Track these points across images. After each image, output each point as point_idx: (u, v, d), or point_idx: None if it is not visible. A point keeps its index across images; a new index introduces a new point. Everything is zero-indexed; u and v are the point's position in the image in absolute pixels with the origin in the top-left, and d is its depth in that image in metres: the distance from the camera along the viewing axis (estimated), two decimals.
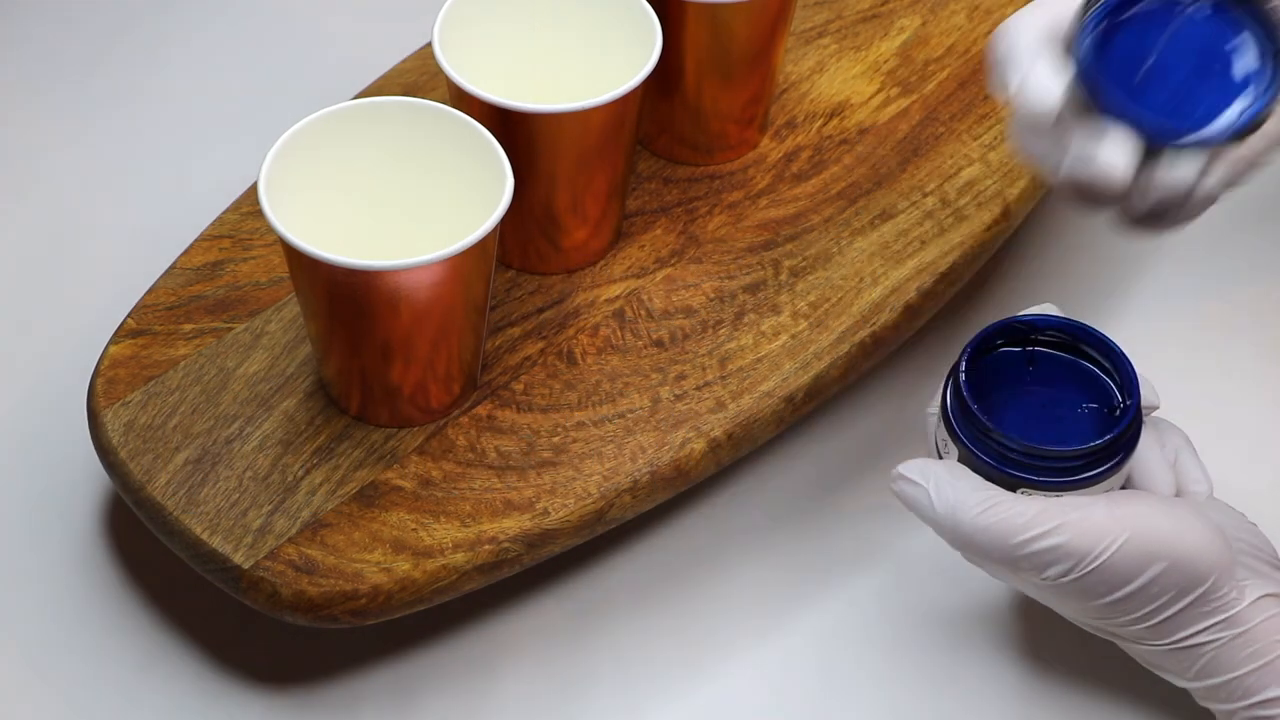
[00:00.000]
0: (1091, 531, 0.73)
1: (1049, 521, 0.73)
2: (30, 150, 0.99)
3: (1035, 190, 0.92)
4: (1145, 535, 0.73)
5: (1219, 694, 0.75)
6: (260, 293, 0.86)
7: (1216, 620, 0.74)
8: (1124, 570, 0.73)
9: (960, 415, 0.76)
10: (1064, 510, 0.73)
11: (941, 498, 0.75)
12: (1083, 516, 0.73)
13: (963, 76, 0.96)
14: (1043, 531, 0.73)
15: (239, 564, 0.78)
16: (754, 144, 0.93)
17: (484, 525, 0.80)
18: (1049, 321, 0.77)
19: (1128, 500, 0.74)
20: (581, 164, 0.84)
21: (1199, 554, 0.73)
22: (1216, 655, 0.74)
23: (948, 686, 0.83)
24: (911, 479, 0.75)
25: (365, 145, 0.82)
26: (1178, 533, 0.73)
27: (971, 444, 0.75)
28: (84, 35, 1.04)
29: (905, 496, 0.76)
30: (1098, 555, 0.73)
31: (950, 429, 0.76)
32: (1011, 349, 0.78)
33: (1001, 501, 0.74)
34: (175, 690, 0.81)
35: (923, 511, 0.75)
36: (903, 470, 0.76)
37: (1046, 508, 0.73)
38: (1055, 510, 0.73)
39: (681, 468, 0.82)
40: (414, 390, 0.81)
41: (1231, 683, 0.75)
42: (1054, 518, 0.73)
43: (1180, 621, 0.74)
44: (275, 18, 1.06)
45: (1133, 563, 0.73)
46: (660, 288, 0.88)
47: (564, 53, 0.88)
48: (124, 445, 0.81)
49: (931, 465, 0.76)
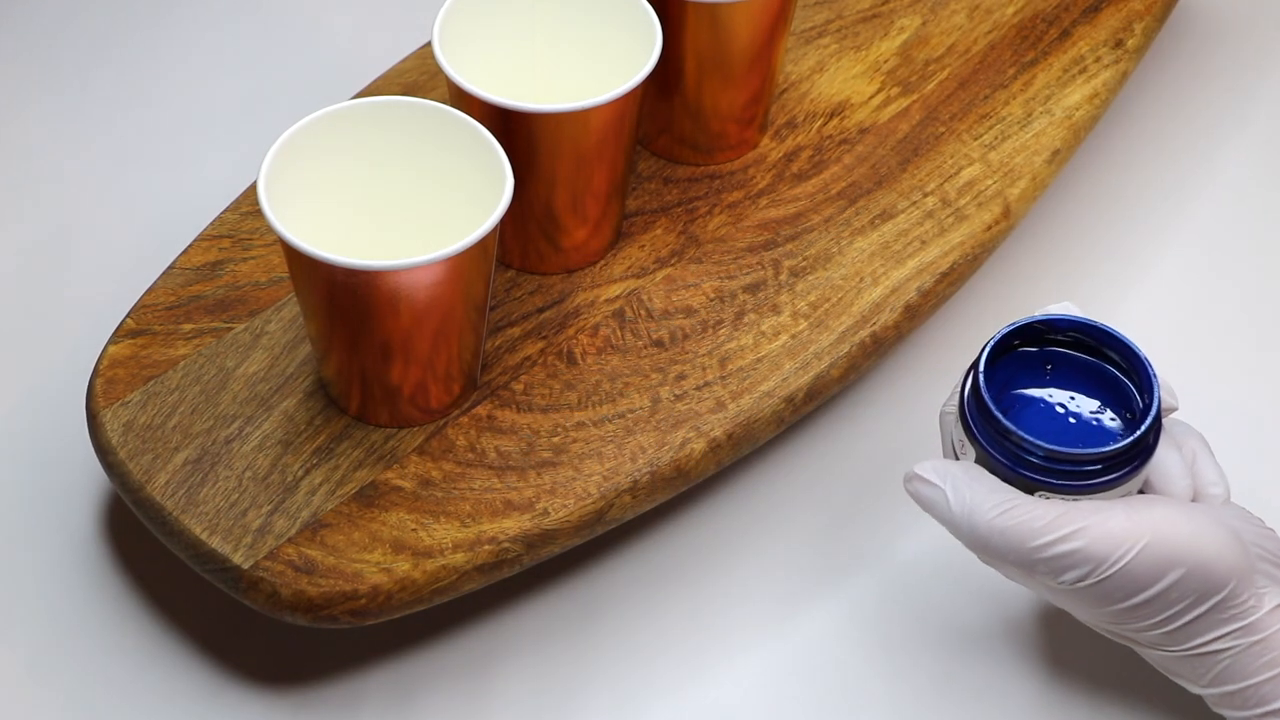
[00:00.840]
0: (1110, 536, 0.72)
1: (1067, 525, 0.73)
2: (30, 150, 0.99)
3: (1035, 190, 0.92)
4: (1164, 541, 0.72)
5: (1233, 701, 0.75)
6: (260, 293, 0.86)
7: (1234, 627, 0.74)
8: (1142, 576, 0.73)
9: (979, 416, 0.75)
10: (1083, 514, 0.73)
11: (959, 499, 0.74)
12: (1101, 521, 0.73)
13: (963, 76, 0.96)
14: (1061, 536, 0.73)
15: (239, 564, 0.78)
16: (754, 144, 0.93)
17: (484, 525, 0.80)
18: (1068, 322, 0.77)
19: (1147, 505, 0.74)
20: (581, 164, 0.84)
21: (1218, 560, 0.73)
22: (1233, 662, 0.74)
23: (948, 687, 0.83)
24: (928, 479, 0.75)
25: (365, 145, 0.82)
26: (1197, 539, 0.73)
27: (989, 445, 0.75)
28: (84, 36, 1.04)
29: (921, 497, 0.75)
30: (1116, 561, 0.72)
31: (968, 429, 0.75)
32: (1029, 349, 0.77)
33: (1019, 504, 0.73)
34: (175, 690, 0.81)
35: (939, 512, 0.75)
36: (919, 471, 0.75)
37: (1065, 511, 0.73)
38: (1074, 514, 0.73)
39: (681, 468, 0.82)
40: (414, 390, 0.81)
41: (1246, 690, 0.74)
42: (1072, 522, 0.73)
43: (1197, 628, 0.74)
44: (275, 18, 1.06)
45: (1151, 569, 0.72)
46: (660, 288, 0.88)
47: (564, 52, 0.88)
48: (123, 445, 0.81)
49: (949, 466, 0.75)
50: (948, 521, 0.75)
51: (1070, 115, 0.94)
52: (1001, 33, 0.98)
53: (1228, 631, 0.74)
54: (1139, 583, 0.73)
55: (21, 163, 0.99)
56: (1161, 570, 0.72)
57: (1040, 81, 0.96)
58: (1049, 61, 0.97)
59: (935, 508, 0.75)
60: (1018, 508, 0.73)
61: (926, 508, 0.75)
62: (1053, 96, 0.95)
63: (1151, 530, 0.72)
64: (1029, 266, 0.97)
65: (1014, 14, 0.99)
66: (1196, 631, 0.74)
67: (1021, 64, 0.97)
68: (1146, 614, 0.74)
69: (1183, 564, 0.72)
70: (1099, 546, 0.72)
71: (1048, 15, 0.99)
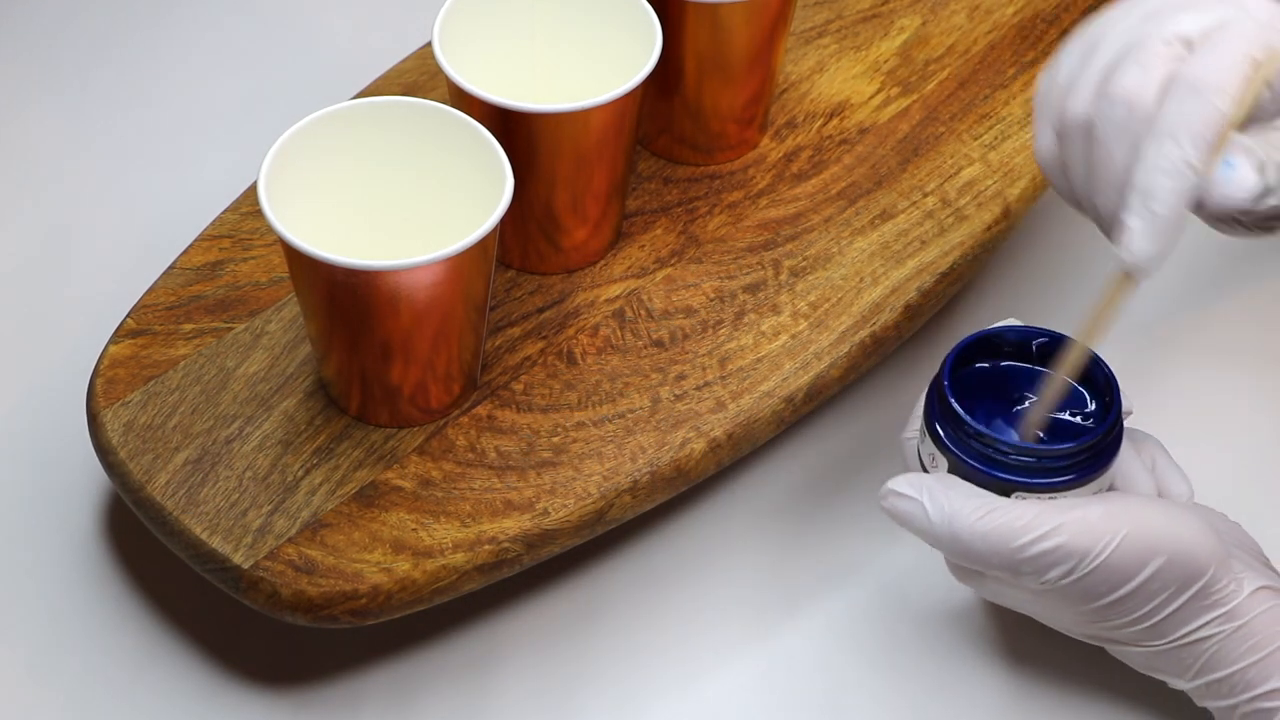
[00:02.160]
0: (1090, 530, 0.73)
1: (1047, 523, 0.73)
2: (30, 150, 0.99)
3: (1035, 190, 0.92)
4: (1142, 530, 0.73)
5: (1219, 690, 0.75)
6: (260, 293, 0.86)
7: (1217, 614, 0.74)
8: (1124, 567, 0.73)
9: (947, 424, 0.75)
10: (1061, 511, 0.73)
11: (937, 508, 0.74)
12: (1080, 516, 0.73)
13: (963, 76, 0.96)
14: (1042, 533, 0.73)
15: (239, 564, 0.78)
16: (754, 144, 0.93)
17: (484, 525, 0.80)
18: (1017, 332, 0.78)
19: (1121, 499, 0.74)
20: (581, 164, 0.84)
21: (1196, 547, 0.73)
22: (1217, 649, 0.74)
23: (948, 687, 0.83)
24: (903, 493, 0.75)
25: (365, 145, 0.82)
26: (1173, 527, 0.74)
27: (961, 451, 0.75)
28: (84, 36, 1.04)
29: (898, 512, 0.75)
30: (1098, 553, 0.73)
31: (937, 440, 0.76)
32: (983, 364, 0.78)
33: (998, 507, 0.74)
34: (175, 690, 0.81)
35: (918, 525, 0.75)
36: (893, 486, 0.75)
37: (1043, 510, 0.73)
38: (1053, 512, 0.73)
39: (681, 468, 0.82)
40: (414, 390, 0.81)
41: (1232, 677, 0.75)
42: (1052, 519, 0.73)
43: (1181, 617, 0.74)
44: (275, 18, 1.06)
45: (1132, 558, 0.73)
46: (660, 288, 0.88)
47: (564, 52, 0.88)
48: (124, 445, 0.81)
49: (923, 478, 0.75)
50: (927, 533, 0.75)
51: None
52: (1001, 33, 0.98)
53: (1210, 619, 0.74)
54: (1122, 574, 0.73)
55: (21, 163, 0.99)
56: (1143, 560, 0.73)
57: None
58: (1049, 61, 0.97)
59: (914, 520, 0.75)
60: (997, 510, 0.74)
61: (904, 522, 0.75)
62: None
63: (1130, 521, 0.73)
64: (1029, 266, 0.97)
65: (1014, 14, 0.99)
66: (1180, 621, 0.74)
67: (1022, 64, 0.97)
68: (1130, 608, 0.74)
69: (1163, 552, 0.73)
70: (1080, 541, 0.73)
71: (1048, 15, 0.99)
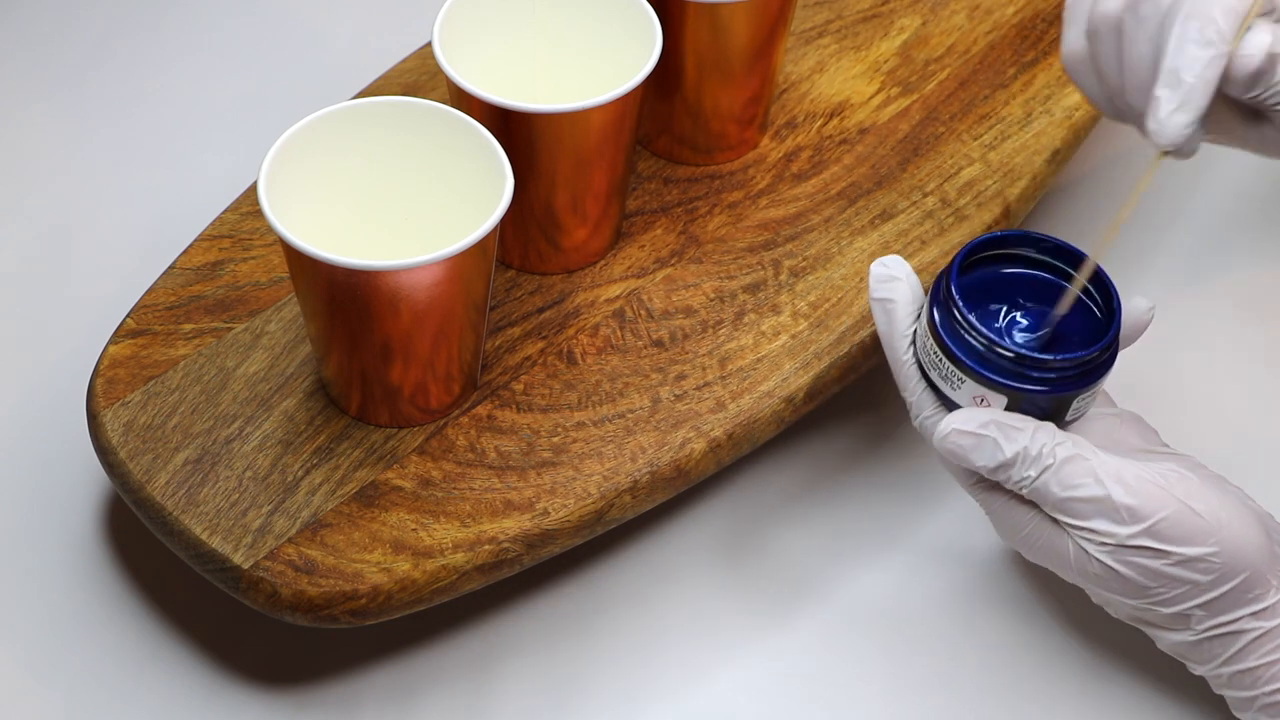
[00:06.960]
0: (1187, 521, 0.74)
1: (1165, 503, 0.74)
2: (30, 150, 0.99)
3: (1035, 190, 0.92)
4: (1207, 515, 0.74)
5: (1242, 681, 0.76)
6: (260, 293, 0.86)
7: (1257, 609, 0.74)
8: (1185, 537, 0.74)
9: (963, 335, 0.76)
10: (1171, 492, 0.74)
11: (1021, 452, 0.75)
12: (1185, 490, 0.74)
13: (963, 76, 0.96)
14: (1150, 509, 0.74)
15: (239, 564, 0.78)
16: (754, 144, 0.93)
17: (484, 525, 0.80)
18: (1018, 240, 0.79)
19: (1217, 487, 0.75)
20: (581, 164, 0.84)
21: (1245, 542, 0.74)
22: (1248, 645, 0.75)
23: (949, 687, 0.83)
24: (968, 430, 0.75)
25: (365, 145, 0.82)
26: (1231, 514, 0.74)
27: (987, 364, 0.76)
28: (84, 36, 1.04)
29: (963, 449, 0.75)
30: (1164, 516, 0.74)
31: (954, 359, 0.76)
32: (979, 274, 0.79)
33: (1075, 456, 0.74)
34: (175, 690, 0.81)
35: (992, 459, 0.75)
36: (958, 425, 0.75)
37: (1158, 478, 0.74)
38: (1161, 495, 0.74)
39: (681, 468, 0.82)
40: (414, 390, 0.81)
41: (1258, 670, 0.75)
42: (1165, 503, 0.74)
43: (1220, 606, 0.75)
44: (275, 18, 1.06)
45: (1193, 532, 0.74)
46: (660, 288, 0.88)
47: (564, 52, 0.88)
48: (124, 445, 0.81)
49: (978, 413, 0.75)
50: (1000, 468, 0.75)
51: (1070, 115, 0.94)
52: (1001, 33, 0.98)
53: (1250, 613, 0.75)
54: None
55: (21, 163, 0.99)
56: (1201, 537, 0.74)
57: (1040, 81, 0.96)
58: (1049, 61, 0.97)
59: (984, 454, 0.75)
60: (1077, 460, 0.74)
61: (967, 459, 0.75)
62: (1053, 96, 0.95)
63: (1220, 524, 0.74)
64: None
65: (1014, 14, 0.99)
66: (1221, 609, 0.75)
67: (1022, 64, 0.97)
68: (1176, 585, 0.74)
69: (1216, 538, 0.74)
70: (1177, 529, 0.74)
71: (1048, 15, 0.99)
